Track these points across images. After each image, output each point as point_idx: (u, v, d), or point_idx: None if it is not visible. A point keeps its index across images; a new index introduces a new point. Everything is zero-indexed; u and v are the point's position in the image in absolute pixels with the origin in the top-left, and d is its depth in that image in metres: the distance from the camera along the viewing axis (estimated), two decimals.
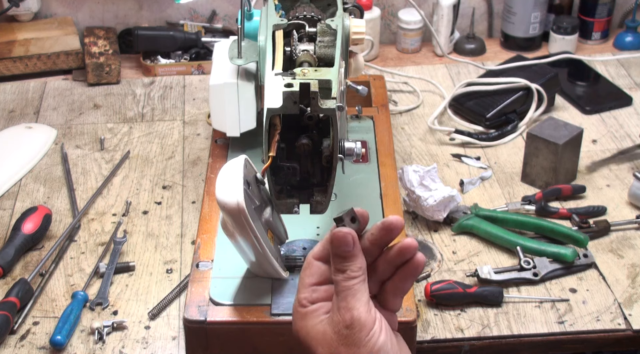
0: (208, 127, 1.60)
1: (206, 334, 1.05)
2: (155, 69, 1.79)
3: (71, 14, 1.90)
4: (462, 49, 1.89)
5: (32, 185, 1.47)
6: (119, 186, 1.46)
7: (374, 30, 1.83)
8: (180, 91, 1.75)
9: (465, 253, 1.30)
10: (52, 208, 1.37)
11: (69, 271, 1.27)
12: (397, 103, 1.71)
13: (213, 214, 1.22)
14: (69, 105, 1.70)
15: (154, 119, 1.65)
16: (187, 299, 1.07)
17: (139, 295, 1.23)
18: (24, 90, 1.76)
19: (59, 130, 1.61)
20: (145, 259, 1.30)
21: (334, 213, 1.23)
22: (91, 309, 1.20)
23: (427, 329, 1.17)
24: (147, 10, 1.91)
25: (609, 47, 1.93)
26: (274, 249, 1.06)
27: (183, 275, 1.26)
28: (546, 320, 1.18)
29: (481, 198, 1.42)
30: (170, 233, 1.35)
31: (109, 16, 1.91)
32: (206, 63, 1.79)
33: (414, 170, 1.33)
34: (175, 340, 1.16)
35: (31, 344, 1.15)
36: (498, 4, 1.97)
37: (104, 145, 1.57)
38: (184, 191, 1.45)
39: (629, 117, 1.66)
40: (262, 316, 1.04)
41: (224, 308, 1.06)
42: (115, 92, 1.74)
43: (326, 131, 1.03)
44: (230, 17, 1.92)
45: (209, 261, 1.13)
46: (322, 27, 1.15)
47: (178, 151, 1.55)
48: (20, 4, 1.83)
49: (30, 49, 1.79)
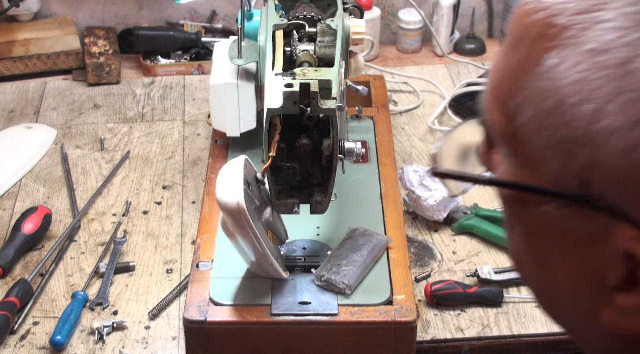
0: (208, 127, 1.60)
1: (206, 334, 1.05)
2: (155, 69, 1.79)
3: (71, 14, 1.90)
4: (462, 49, 1.89)
5: (32, 185, 1.47)
6: (119, 186, 1.46)
7: (374, 30, 1.83)
8: (180, 91, 1.75)
9: (465, 253, 1.30)
10: (52, 208, 1.37)
11: (69, 271, 1.27)
12: (397, 103, 1.71)
13: (213, 214, 1.22)
14: (69, 105, 1.70)
15: (154, 119, 1.65)
16: (187, 299, 1.07)
17: (139, 294, 1.23)
18: (24, 90, 1.76)
19: (59, 130, 1.61)
20: (145, 259, 1.30)
21: (334, 213, 1.24)
22: (91, 309, 1.20)
23: (427, 329, 1.17)
24: (147, 10, 1.91)
25: None
26: (274, 249, 1.06)
27: (183, 275, 1.26)
28: (546, 320, 1.18)
29: (481, 198, 1.42)
30: (170, 233, 1.35)
31: (109, 16, 1.91)
32: (206, 63, 1.79)
33: (414, 170, 1.33)
34: (175, 340, 1.15)
35: (31, 344, 1.15)
36: (498, 4, 1.96)
37: (104, 145, 1.57)
38: (184, 191, 1.45)
39: None
40: (262, 316, 1.04)
41: (224, 308, 1.06)
42: (115, 92, 1.74)
43: (326, 131, 1.03)
44: (230, 17, 1.92)
45: (209, 261, 1.13)
46: (322, 27, 1.15)
47: (178, 151, 1.55)
48: (20, 4, 1.82)
49: (30, 49, 1.79)
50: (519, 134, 0.48)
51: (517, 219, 0.52)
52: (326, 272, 1.08)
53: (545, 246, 0.51)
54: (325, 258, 1.11)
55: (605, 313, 0.48)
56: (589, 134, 0.43)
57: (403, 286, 1.09)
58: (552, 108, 0.45)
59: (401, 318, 1.04)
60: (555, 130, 0.45)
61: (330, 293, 1.07)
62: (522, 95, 0.47)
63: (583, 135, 0.44)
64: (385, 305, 1.06)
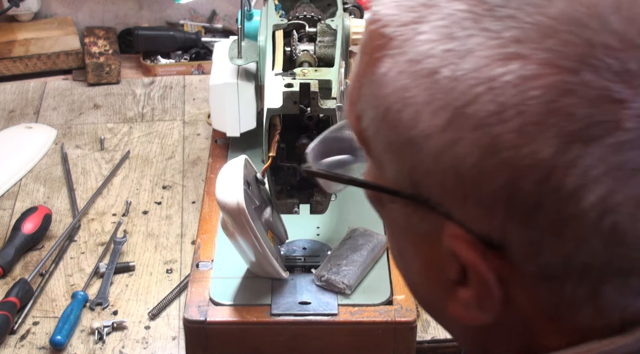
0: (208, 127, 1.60)
1: (206, 334, 1.05)
2: (155, 69, 1.79)
3: (71, 14, 1.90)
4: None
5: (32, 185, 1.47)
6: (119, 186, 1.46)
7: None
8: (180, 91, 1.75)
9: None
10: (52, 208, 1.37)
11: (69, 271, 1.27)
12: None
13: (213, 214, 1.22)
14: (69, 105, 1.70)
15: (154, 119, 1.65)
16: (187, 300, 1.07)
17: (139, 294, 1.23)
18: (24, 90, 1.76)
19: (59, 130, 1.61)
20: (145, 259, 1.30)
21: (334, 213, 1.24)
22: (91, 309, 1.20)
23: (427, 329, 1.17)
24: (147, 10, 1.91)
25: None
26: (274, 249, 1.06)
27: (183, 275, 1.26)
28: None
29: None
30: (170, 233, 1.35)
31: (109, 16, 1.91)
32: (206, 63, 1.79)
33: None
34: (175, 340, 1.15)
35: (31, 344, 1.15)
36: None
37: (104, 145, 1.57)
38: (184, 191, 1.45)
39: None
40: (262, 316, 1.04)
41: (224, 308, 1.06)
42: (115, 92, 1.74)
43: None
44: (230, 17, 1.92)
45: (209, 261, 1.13)
46: (322, 27, 1.15)
47: (178, 151, 1.55)
48: (20, 4, 1.82)
49: (30, 49, 1.79)
50: (365, 137, 0.51)
51: (381, 217, 0.57)
52: (326, 272, 1.08)
53: (401, 242, 0.55)
54: (325, 258, 1.11)
55: (451, 306, 0.51)
56: (410, 139, 0.47)
57: (403, 286, 1.09)
58: (383, 114, 0.48)
59: (401, 318, 1.04)
60: (386, 134, 0.49)
61: (330, 293, 1.07)
62: (362, 101, 0.50)
63: (406, 140, 0.47)
64: (385, 305, 1.06)
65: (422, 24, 0.46)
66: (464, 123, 0.44)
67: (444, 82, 0.45)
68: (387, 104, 0.48)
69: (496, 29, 0.44)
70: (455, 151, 0.45)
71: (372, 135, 0.50)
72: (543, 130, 0.42)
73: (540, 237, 0.45)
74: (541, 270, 0.46)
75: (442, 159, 0.46)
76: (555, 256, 0.45)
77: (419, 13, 0.47)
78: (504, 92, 0.43)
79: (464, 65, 0.44)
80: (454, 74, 0.44)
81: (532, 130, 0.43)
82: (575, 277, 0.46)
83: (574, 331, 0.49)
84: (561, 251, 0.45)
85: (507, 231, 0.46)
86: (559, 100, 0.42)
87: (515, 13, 0.44)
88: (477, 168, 0.45)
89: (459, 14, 0.45)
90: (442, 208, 0.47)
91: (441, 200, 0.47)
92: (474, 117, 0.44)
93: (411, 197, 0.49)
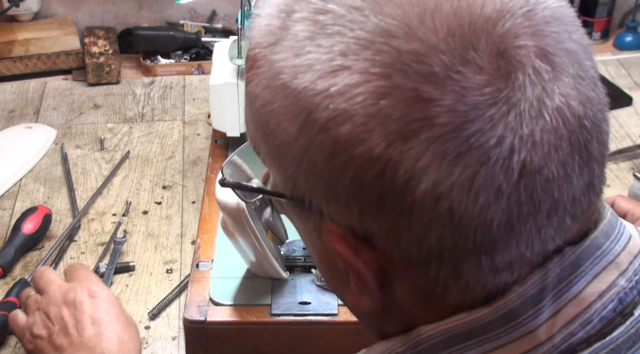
0: (208, 127, 1.60)
1: (206, 334, 1.05)
2: (155, 69, 1.79)
3: (71, 14, 1.90)
4: None
5: (32, 185, 1.47)
6: (119, 186, 1.46)
7: None
8: (180, 91, 1.75)
9: None
10: (52, 208, 1.37)
11: None
12: None
13: (213, 214, 1.22)
14: (69, 105, 1.70)
15: (154, 119, 1.65)
16: (187, 300, 1.07)
17: (139, 295, 1.23)
18: (24, 90, 1.76)
19: (59, 130, 1.61)
20: (145, 259, 1.30)
21: None
22: None
23: None
24: (147, 10, 1.91)
25: (609, 47, 1.93)
26: (274, 249, 1.06)
27: (183, 275, 1.26)
28: None
29: None
30: (170, 233, 1.35)
31: (109, 16, 1.91)
32: (206, 63, 1.79)
33: None
34: (175, 340, 1.15)
35: None
36: None
37: (104, 145, 1.57)
38: (184, 191, 1.45)
39: (629, 117, 1.66)
40: (262, 316, 1.04)
41: (224, 308, 1.06)
42: (115, 92, 1.74)
43: None
44: (230, 17, 1.92)
45: (209, 261, 1.13)
46: None
47: (178, 151, 1.55)
48: (20, 4, 1.82)
49: (30, 49, 1.79)
50: (256, 149, 0.58)
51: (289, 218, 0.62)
52: None
53: (305, 240, 0.62)
54: None
55: (347, 295, 0.57)
56: (278, 147, 0.53)
57: None
58: (257, 127, 0.55)
59: None
60: (264, 145, 0.55)
61: (331, 293, 1.07)
62: (247, 116, 0.57)
63: (276, 148, 0.53)
64: None
65: (277, 45, 0.53)
66: (311, 129, 0.50)
67: (293, 94, 0.51)
68: (258, 117, 0.54)
69: (327, 45, 0.50)
70: (309, 155, 0.51)
71: (257, 146, 0.56)
72: (371, 130, 0.48)
73: (394, 226, 0.50)
74: (404, 256, 0.52)
75: (302, 163, 0.52)
76: (411, 242, 0.51)
77: (276, 36, 0.53)
78: (336, 100, 0.49)
79: (306, 77, 0.50)
80: (300, 86, 0.51)
81: (362, 131, 0.48)
82: (435, 260, 0.51)
83: (446, 309, 0.54)
84: (415, 238, 0.50)
85: (366, 223, 0.51)
86: (378, 103, 0.48)
87: (341, 29, 0.50)
88: (328, 169, 0.50)
89: (301, 34, 0.51)
90: (314, 206, 0.53)
91: (313, 199, 0.53)
92: (316, 123, 0.50)
93: (292, 199, 0.55)
